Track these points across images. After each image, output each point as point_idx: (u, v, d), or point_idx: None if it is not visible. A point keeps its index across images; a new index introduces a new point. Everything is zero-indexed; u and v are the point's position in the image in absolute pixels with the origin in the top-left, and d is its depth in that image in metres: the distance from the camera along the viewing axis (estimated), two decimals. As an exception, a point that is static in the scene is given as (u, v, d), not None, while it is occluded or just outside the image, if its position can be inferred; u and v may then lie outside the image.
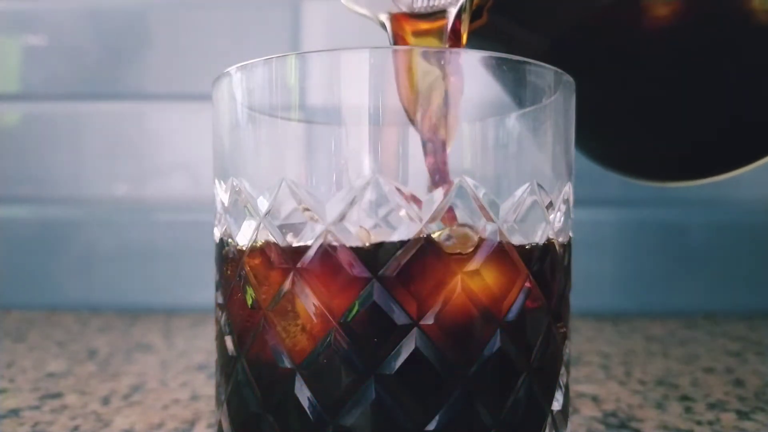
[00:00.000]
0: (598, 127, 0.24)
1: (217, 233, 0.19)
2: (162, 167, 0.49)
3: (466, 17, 0.19)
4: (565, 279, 0.18)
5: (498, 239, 0.16)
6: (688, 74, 0.22)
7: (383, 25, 0.20)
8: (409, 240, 0.15)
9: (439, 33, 0.19)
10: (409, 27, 0.19)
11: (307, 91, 0.17)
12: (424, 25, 0.19)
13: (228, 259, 0.18)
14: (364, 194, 0.15)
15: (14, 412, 0.24)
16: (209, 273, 0.21)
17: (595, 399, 0.26)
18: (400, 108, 0.16)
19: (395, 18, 0.19)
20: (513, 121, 0.17)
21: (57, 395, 0.26)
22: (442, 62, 0.16)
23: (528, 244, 0.17)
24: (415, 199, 0.15)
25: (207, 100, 0.21)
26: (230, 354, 0.18)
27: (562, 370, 0.18)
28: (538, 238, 0.17)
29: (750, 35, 0.21)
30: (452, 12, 0.19)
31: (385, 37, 0.20)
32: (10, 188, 0.48)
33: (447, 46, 0.19)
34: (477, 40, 0.22)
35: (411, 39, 0.19)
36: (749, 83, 0.22)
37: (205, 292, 0.42)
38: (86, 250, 0.48)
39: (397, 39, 0.19)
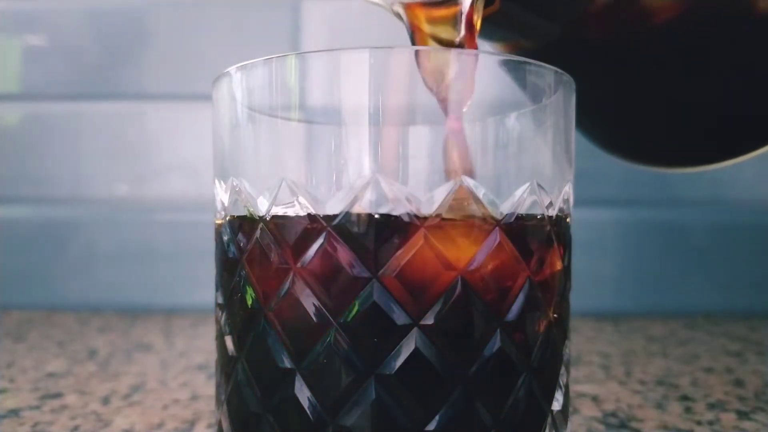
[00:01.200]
0: (608, 113, 0.24)
1: (217, 233, 0.19)
2: (162, 167, 0.49)
3: (479, 4, 0.19)
4: (565, 279, 0.18)
5: (498, 239, 0.16)
6: (695, 62, 0.22)
7: (398, 15, 0.20)
8: (409, 240, 0.15)
9: (453, 20, 0.19)
10: (423, 15, 0.19)
11: (307, 91, 0.17)
12: (439, 13, 0.19)
13: (228, 258, 0.18)
14: (364, 194, 0.15)
15: (14, 412, 0.24)
16: (209, 273, 0.21)
17: (595, 399, 0.26)
18: (400, 108, 0.16)
19: (409, 7, 0.20)
20: (513, 121, 0.17)
21: (57, 395, 0.26)
22: (443, 63, 0.16)
23: (528, 244, 0.17)
24: (415, 199, 0.15)
25: (207, 100, 0.21)
26: (230, 354, 0.18)
27: (562, 370, 0.18)
28: (539, 239, 0.17)
29: (752, 24, 0.21)
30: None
31: (384, 37, 0.20)
32: (10, 188, 0.48)
33: (461, 33, 0.19)
34: (490, 27, 0.21)
35: (426, 27, 0.19)
36: (752, 73, 0.22)
37: (205, 292, 0.42)
38: (86, 250, 0.48)
39: (414, 28, 0.20)
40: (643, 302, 0.48)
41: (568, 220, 0.19)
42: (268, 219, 0.16)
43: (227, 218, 0.18)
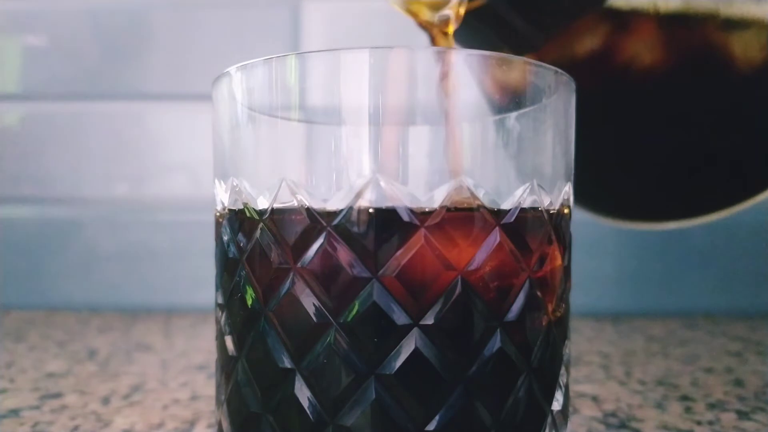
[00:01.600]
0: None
1: (218, 233, 0.19)
2: (162, 167, 0.49)
3: None
4: (565, 279, 0.18)
5: (498, 239, 0.16)
6: (672, 119, 0.22)
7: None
8: (409, 240, 0.15)
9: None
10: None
11: (307, 91, 0.17)
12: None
13: (228, 258, 0.18)
14: (364, 194, 0.15)
15: (14, 412, 0.24)
16: (209, 273, 0.21)
17: (595, 399, 0.26)
18: (400, 108, 0.16)
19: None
20: (513, 121, 0.17)
21: (57, 395, 0.26)
22: (445, 64, 0.16)
23: (528, 244, 0.17)
24: (415, 199, 0.15)
25: (207, 100, 0.21)
26: (230, 354, 0.18)
27: (562, 370, 0.18)
28: (539, 239, 0.17)
29: (732, 83, 0.21)
30: None
31: (384, 37, 0.20)
32: (10, 188, 0.48)
33: (440, 17, 0.20)
34: (474, 21, 0.22)
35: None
36: (731, 129, 0.22)
37: (205, 292, 0.42)
38: (86, 250, 0.48)
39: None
40: (643, 302, 0.48)
41: (568, 219, 0.19)
42: (268, 219, 0.16)
43: (227, 218, 0.18)
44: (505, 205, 0.16)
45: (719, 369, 0.31)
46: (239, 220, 0.18)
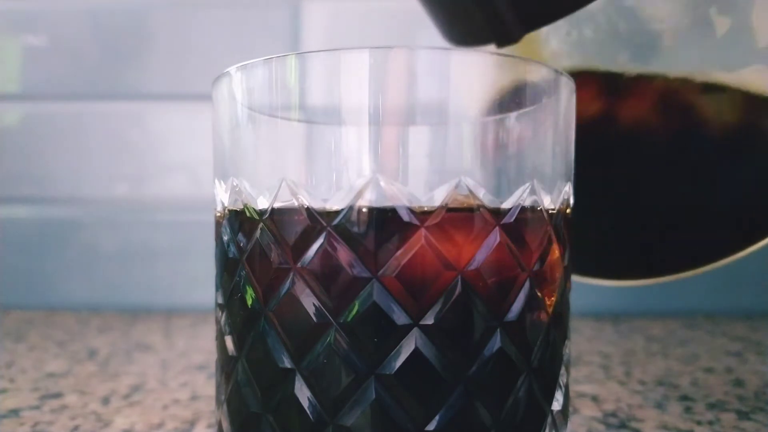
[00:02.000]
0: None
1: (218, 233, 0.19)
2: (162, 167, 0.49)
3: None
4: (565, 279, 0.18)
5: (498, 239, 0.16)
6: (656, 177, 0.24)
7: None
8: (409, 240, 0.15)
9: None
10: None
11: (307, 91, 0.17)
12: None
13: (228, 258, 0.18)
14: (364, 194, 0.15)
15: (14, 412, 0.24)
16: (209, 273, 0.21)
17: (595, 399, 0.26)
18: (400, 108, 0.16)
19: None
20: (513, 121, 0.17)
21: (57, 395, 0.26)
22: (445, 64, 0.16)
23: (528, 244, 0.17)
24: (415, 199, 0.15)
25: (207, 100, 0.21)
26: (230, 354, 0.18)
27: (562, 370, 0.18)
28: (538, 239, 0.17)
29: (708, 144, 0.23)
30: None
31: (384, 37, 0.20)
32: (10, 188, 0.48)
33: None
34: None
35: None
36: (711, 187, 0.24)
37: (205, 292, 0.42)
38: (86, 250, 0.48)
39: None
40: (643, 302, 0.48)
41: (568, 219, 0.19)
42: (268, 219, 0.16)
43: (227, 218, 0.18)
44: (505, 205, 0.16)
45: (719, 369, 0.31)
46: (239, 220, 0.18)
